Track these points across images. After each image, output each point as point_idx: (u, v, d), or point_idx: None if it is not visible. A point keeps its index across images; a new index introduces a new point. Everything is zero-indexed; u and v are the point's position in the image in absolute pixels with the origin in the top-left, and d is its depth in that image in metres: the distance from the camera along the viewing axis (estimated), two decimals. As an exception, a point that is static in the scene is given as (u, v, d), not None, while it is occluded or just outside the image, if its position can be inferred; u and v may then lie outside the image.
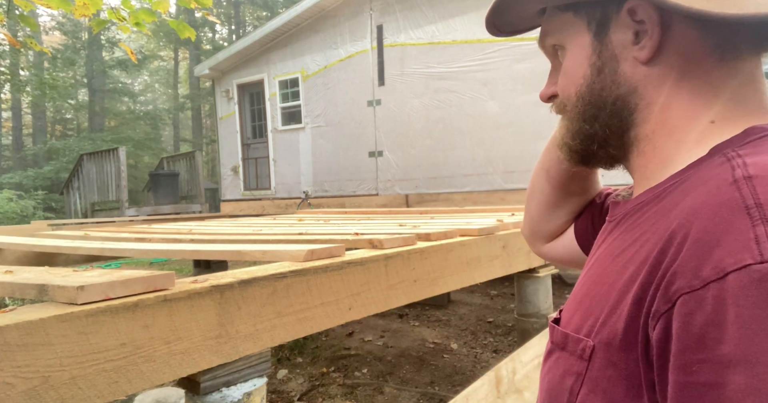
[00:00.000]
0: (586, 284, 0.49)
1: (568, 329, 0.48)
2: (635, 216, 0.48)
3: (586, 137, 0.54)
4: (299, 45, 7.26)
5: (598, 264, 0.49)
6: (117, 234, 2.70)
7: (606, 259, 0.47)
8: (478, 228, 2.05)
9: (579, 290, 0.50)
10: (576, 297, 0.50)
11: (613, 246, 0.48)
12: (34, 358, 0.76)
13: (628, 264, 0.42)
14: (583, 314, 0.46)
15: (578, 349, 0.45)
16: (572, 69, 0.53)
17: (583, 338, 0.44)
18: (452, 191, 5.96)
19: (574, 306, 0.49)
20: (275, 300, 1.17)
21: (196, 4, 3.72)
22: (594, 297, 0.45)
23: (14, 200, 13.85)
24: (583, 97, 0.53)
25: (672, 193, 0.44)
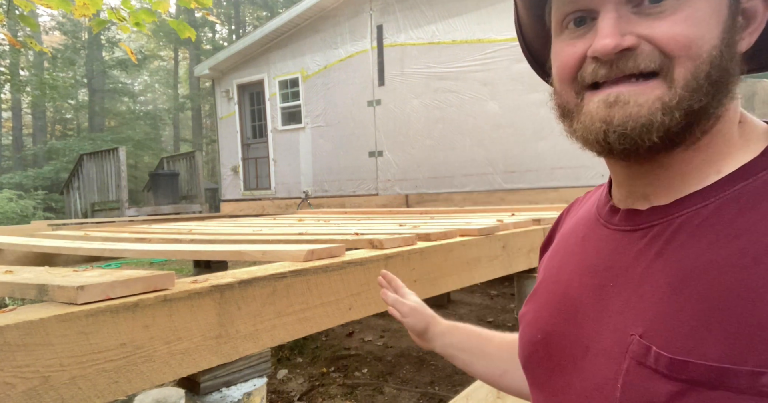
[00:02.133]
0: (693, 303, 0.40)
1: (711, 360, 0.37)
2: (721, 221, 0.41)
3: (695, 115, 0.43)
4: (299, 45, 7.26)
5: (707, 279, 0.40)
6: (117, 234, 2.70)
7: (727, 271, 0.39)
8: (478, 228, 2.05)
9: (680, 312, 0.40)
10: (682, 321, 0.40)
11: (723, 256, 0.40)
12: (34, 358, 0.76)
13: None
14: (732, 341, 0.37)
15: (759, 385, 0.35)
16: (707, 22, 0.42)
17: (764, 370, 0.35)
18: (452, 191, 5.96)
19: (687, 331, 0.39)
20: (275, 300, 1.17)
21: (196, 4, 3.72)
22: (743, 318, 0.37)
23: (14, 200, 13.84)
24: (713, 62, 0.42)
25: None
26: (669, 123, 0.43)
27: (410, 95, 6.24)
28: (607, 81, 0.45)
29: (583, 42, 0.46)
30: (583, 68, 0.47)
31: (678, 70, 0.43)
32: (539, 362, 0.54)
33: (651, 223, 0.46)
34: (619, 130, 0.44)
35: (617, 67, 0.44)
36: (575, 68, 0.47)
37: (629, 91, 0.44)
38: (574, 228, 0.58)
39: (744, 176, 0.42)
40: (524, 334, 0.58)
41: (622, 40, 0.43)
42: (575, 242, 0.56)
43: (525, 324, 0.59)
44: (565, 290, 0.53)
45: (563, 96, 0.50)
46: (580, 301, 0.50)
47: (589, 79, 0.46)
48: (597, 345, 0.46)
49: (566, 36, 0.49)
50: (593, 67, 0.45)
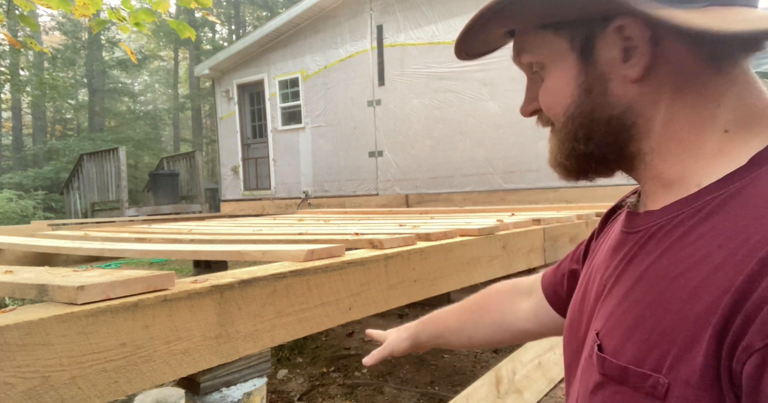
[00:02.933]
0: (633, 307, 0.44)
1: (622, 360, 0.42)
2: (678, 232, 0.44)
3: (581, 156, 0.51)
4: (299, 45, 7.26)
5: (646, 285, 0.43)
6: (117, 234, 2.70)
7: (660, 281, 0.42)
8: (478, 228, 2.05)
9: (624, 314, 0.44)
10: (621, 322, 0.44)
11: (663, 266, 0.43)
12: (34, 358, 0.76)
13: (698, 291, 0.38)
14: (641, 345, 0.41)
15: (646, 385, 0.40)
16: (557, 89, 0.51)
17: (651, 373, 0.40)
18: (452, 191, 5.96)
19: (621, 332, 0.44)
20: (275, 300, 1.17)
21: (196, 4, 3.72)
22: (655, 326, 0.41)
23: (14, 200, 13.84)
24: (573, 117, 0.50)
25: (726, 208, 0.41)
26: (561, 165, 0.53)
27: (410, 95, 6.24)
28: None
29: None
30: None
31: (557, 125, 0.53)
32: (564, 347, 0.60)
33: (639, 227, 0.50)
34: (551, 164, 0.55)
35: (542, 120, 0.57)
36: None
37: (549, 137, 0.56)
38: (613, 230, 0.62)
39: (719, 187, 0.43)
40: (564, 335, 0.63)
41: (528, 106, 0.57)
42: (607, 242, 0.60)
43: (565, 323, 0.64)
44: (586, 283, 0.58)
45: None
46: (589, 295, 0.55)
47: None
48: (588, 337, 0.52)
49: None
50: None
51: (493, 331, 0.83)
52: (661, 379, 0.39)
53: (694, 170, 0.46)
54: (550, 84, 0.52)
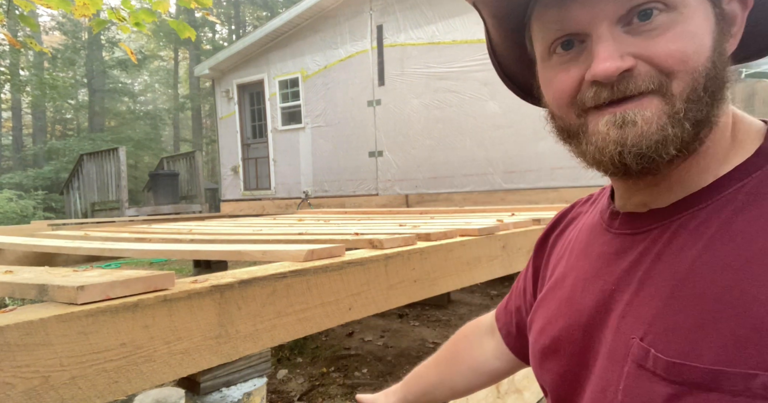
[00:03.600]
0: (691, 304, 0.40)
1: (706, 363, 0.37)
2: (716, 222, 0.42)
3: (700, 124, 0.43)
4: (299, 45, 7.26)
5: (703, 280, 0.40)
6: (117, 234, 2.70)
7: (722, 272, 0.39)
8: (478, 228, 2.05)
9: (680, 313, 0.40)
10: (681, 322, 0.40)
11: (718, 257, 0.40)
12: (34, 358, 0.76)
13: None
14: (727, 343, 0.37)
15: (753, 387, 0.35)
16: (699, 36, 0.42)
17: (757, 372, 0.35)
18: (452, 191, 5.96)
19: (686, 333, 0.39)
20: (275, 300, 1.17)
21: (196, 4, 3.72)
22: (740, 319, 0.37)
23: (14, 200, 13.84)
24: (709, 73, 0.43)
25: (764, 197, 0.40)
26: (681, 134, 0.42)
27: (410, 95, 6.24)
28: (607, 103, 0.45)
29: (577, 67, 0.46)
30: (582, 92, 0.46)
31: (676, 85, 0.43)
32: (551, 368, 0.54)
33: (650, 226, 0.47)
34: (634, 151, 0.43)
35: (618, 90, 0.44)
36: (573, 93, 0.47)
37: (633, 110, 0.43)
38: (579, 234, 0.59)
39: (739, 177, 0.43)
40: (534, 342, 0.58)
41: (623, 62, 0.43)
42: (580, 248, 0.56)
43: (535, 332, 0.59)
44: (570, 295, 0.53)
45: (564, 119, 0.49)
46: (586, 305, 0.50)
47: (590, 103, 0.46)
48: (604, 349, 0.47)
49: (555, 61, 0.48)
50: (594, 90, 0.45)
51: (471, 378, 0.80)
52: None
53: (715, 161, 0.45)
54: (692, 29, 0.42)
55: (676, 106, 0.42)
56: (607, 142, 0.44)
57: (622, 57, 0.43)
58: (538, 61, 0.51)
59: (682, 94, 0.42)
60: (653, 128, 0.42)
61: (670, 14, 0.42)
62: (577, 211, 0.65)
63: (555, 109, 0.50)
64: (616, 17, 0.43)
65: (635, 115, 0.43)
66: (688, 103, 0.42)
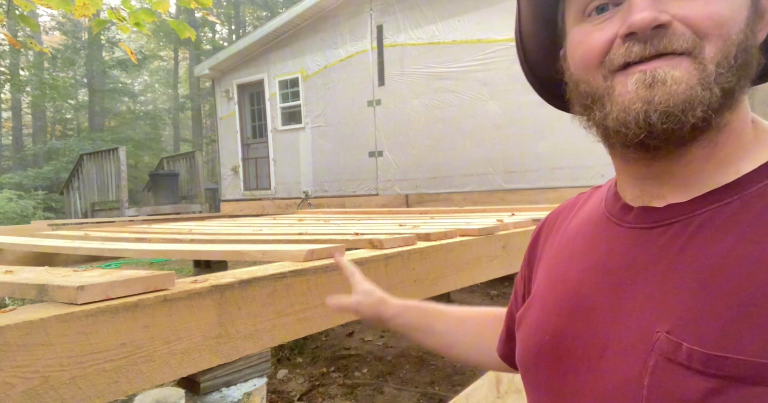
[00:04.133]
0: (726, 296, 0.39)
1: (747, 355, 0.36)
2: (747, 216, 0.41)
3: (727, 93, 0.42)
4: (299, 45, 7.26)
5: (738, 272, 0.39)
6: (117, 234, 2.70)
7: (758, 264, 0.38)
8: (478, 228, 2.05)
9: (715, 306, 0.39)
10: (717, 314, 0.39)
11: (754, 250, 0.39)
12: (34, 358, 0.76)
13: None
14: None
15: None
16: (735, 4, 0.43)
17: None
18: (452, 191, 5.96)
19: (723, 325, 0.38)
20: (275, 300, 1.17)
21: (196, 4, 3.72)
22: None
23: (14, 200, 13.84)
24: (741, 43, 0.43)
25: None
26: (710, 98, 0.42)
27: (410, 95, 6.24)
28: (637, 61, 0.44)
29: (611, 25, 0.46)
30: (612, 51, 0.46)
31: (709, 49, 0.42)
32: (546, 364, 0.52)
33: (671, 220, 0.46)
34: (661, 109, 0.42)
35: (651, 45, 0.43)
36: (604, 52, 0.47)
37: (663, 69, 0.43)
38: (579, 229, 0.57)
39: (764, 175, 0.42)
40: (526, 336, 0.57)
41: (660, 15, 0.42)
42: (583, 243, 0.54)
43: (526, 326, 0.57)
44: (576, 289, 0.51)
45: (591, 83, 0.48)
46: (595, 300, 0.49)
47: (620, 60, 0.45)
48: (616, 345, 0.45)
49: (589, 23, 0.48)
50: (627, 46, 0.44)
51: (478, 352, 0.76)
52: None
53: (735, 156, 0.44)
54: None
55: (707, 69, 0.42)
56: (635, 101, 0.44)
57: (660, 12, 0.43)
58: (569, 27, 0.51)
59: (714, 59, 0.42)
60: (682, 87, 0.42)
61: None
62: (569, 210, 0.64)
63: (581, 71, 0.49)
64: None
65: (665, 74, 0.43)
66: (718, 67, 0.42)
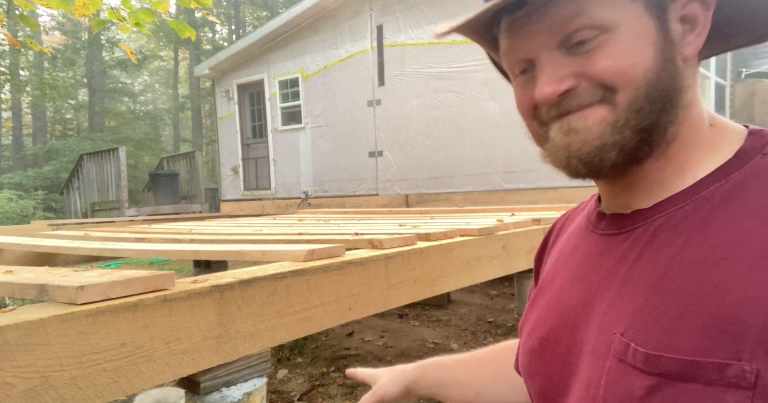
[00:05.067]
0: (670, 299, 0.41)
1: (682, 354, 0.38)
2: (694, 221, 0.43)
3: (645, 132, 0.45)
4: (299, 45, 7.26)
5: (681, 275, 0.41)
6: (117, 234, 2.70)
7: (698, 268, 0.40)
8: (478, 228, 2.05)
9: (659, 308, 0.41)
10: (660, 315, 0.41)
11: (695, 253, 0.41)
12: (34, 358, 0.76)
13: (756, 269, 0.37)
14: (701, 334, 0.38)
15: (727, 376, 0.36)
16: (633, 50, 0.45)
17: (730, 362, 0.36)
18: (452, 191, 5.96)
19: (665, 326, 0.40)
20: (275, 300, 1.17)
21: (196, 4, 3.72)
22: (713, 311, 0.38)
23: (14, 200, 13.85)
24: (651, 82, 0.45)
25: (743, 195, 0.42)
26: (621, 141, 0.46)
27: (410, 95, 6.24)
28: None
29: (531, 88, 0.50)
30: (538, 108, 0.51)
31: (620, 96, 0.45)
32: (538, 370, 0.55)
33: (633, 226, 0.48)
34: (577, 156, 0.47)
35: (564, 107, 0.48)
36: (532, 109, 0.52)
37: (578, 119, 0.47)
38: (569, 238, 0.61)
39: (717, 178, 0.44)
40: (524, 344, 0.59)
41: (559, 85, 0.47)
42: (569, 251, 0.58)
43: (525, 334, 0.60)
44: (558, 296, 0.55)
45: (532, 129, 0.55)
46: (572, 305, 0.51)
47: (545, 119, 0.50)
48: (587, 347, 0.48)
49: (518, 81, 0.53)
50: (545, 108, 0.50)
51: (506, 390, 0.73)
52: (746, 366, 0.35)
53: (691, 163, 0.47)
54: (624, 46, 0.45)
55: (620, 114, 0.45)
56: (558, 148, 0.49)
57: (562, 80, 0.47)
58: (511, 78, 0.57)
59: (625, 104, 0.45)
60: (593, 135, 0.46)
61: (602, 35, 0.45)
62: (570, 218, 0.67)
63: (524, 119, 0.56)
64: (554, 45, 0.47)
65: (578, 123, 0.47)
66: (629, 112, 0.45)
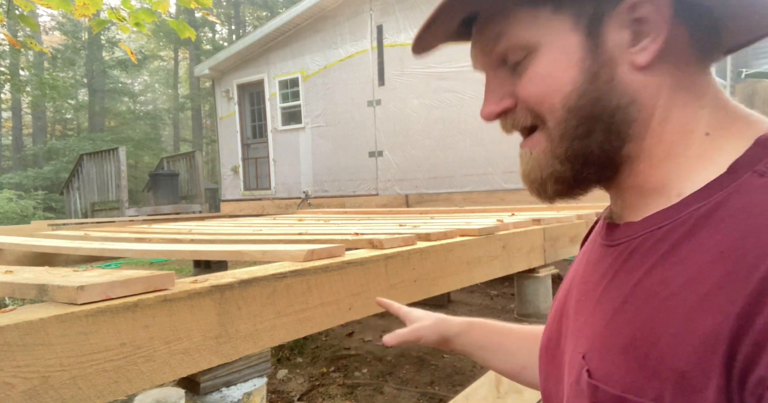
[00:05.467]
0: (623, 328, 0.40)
1: (617, 388, 0.38)
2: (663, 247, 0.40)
3: (578, 158, 0.44)
4: (299, 45, 7.26)
5: (635, 305, 0.39)
6: (117, 234, 2.70)
7: (650, 300, 0.38)
8: (478, 228, 2.05)
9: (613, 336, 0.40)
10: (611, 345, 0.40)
11: (652, 284, 0.39)
12: (34, 358, 0.76)
13: (694, 313, 0.35)
14: (637, 372, 0.37)
15: None
16: (554, 74, 0.44)
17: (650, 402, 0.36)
18: (452, 191, 5.96)
19: (612, 357, 0.40)
20: (275, 300, 1.17)
21: (196, 4, 3.72)
22: (649, 350, 0.37)
23: (14, 200, 13.85)
24: (573, 108, 0.43)
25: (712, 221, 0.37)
26: (555, 173, 0.45)
27: (410, 95, 6.24)
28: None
29: None
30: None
31: (549, 123, 0.45)
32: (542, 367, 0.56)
33: (620, 240, 0.46)
34: (531, 186, 0.49)
35: (506, 125, 0.49)
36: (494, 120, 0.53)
37: (525, 148, 0.48)
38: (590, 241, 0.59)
39: (700, 199, 0.40)
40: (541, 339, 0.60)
41: (497, 106, 0.48)
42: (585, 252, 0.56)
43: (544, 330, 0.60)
44: (564, 299, 0.54)
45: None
46: (569, 309, 0.51)
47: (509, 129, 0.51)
48: (569, 355, 0.48)
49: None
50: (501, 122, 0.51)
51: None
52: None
53: (676, 177, 0.43)
54: (543, 70, 0.44)
55: (553, 143, 0.45)
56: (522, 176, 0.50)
57: (501, 100, 0.48)
58: None
59: (554, 132, 0.45)
60: (530, 166, 0.47)
61: (530, 55, 0.45)
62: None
63: None
64: (495, 63, 0.48)
65: (525, 153, 0.48)
66: (561, 140, 0.44)
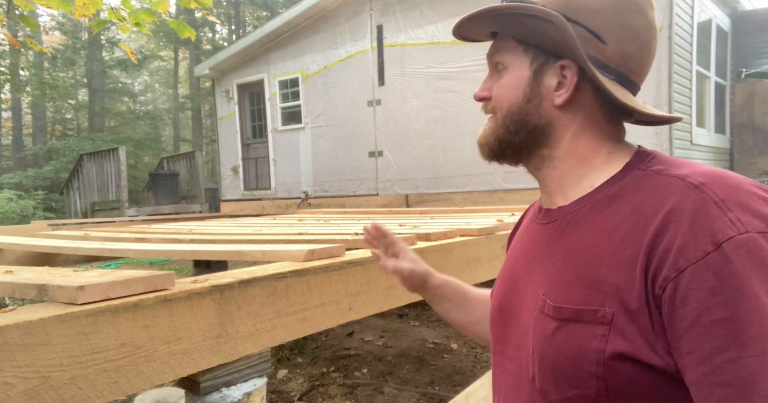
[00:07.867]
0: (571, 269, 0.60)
1: (573, 304, 0.58)
2: (590, 216, 0.62)
3: (504, 142, 0.70)
4: (299, 45, 7.26)
5: (578, 252, 0.61)
6: (117, 234, 2.70)
7: (588, 247, 0.60)
8: (478, 228, 2.05)
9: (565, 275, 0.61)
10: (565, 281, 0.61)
11: (588, 237, 0.61)
12: (34, 358, 0.76)
13: (620, 250, 0.56)
14: (585, 291, 0.57)
15: (597, 317, 0.55)
16: (509, 88, 0.69)
17: (598, 308, 0.55)
18: (452, 191, 5.96)
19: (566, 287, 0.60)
20: (275, 300, 1.17)
21: (196, 4, 3.72)
22: (593, 276, 0.57)
23: (14, 200, 13.84)
24: (512, 113, 0.68)
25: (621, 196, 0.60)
26: (489, 144, 0.72)
27: (410, 95, 6.24)
28: None
29: None
30: None
31: (498, 114, 0.70)
32: (495, 321, 0.75)
33: (556, 218, 0.68)
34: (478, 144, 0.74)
35: (485, 108, 0.74)
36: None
37: (485, 125, 0.74)
38: (526, 225, 0.80)
39: (607, 186, 0.63)
40: (490, 304, 0.79)
41: (481, 92, 0.73)
42: (522, 235, 0.79)
43: (492, 297, 0.80)
44: (511, 268, 0.75)
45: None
46: (518, 275, 0.72)
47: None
48: (524, 305, 0.67)
49: None
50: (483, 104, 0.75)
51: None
52: (607, 310, 0.55)
53: (588, 175, 0.66)
54: (506, 83, 0.69)
55: (496, 126, 0.71)
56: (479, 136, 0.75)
57: (485, 90, 0.72)
58: None
59: (499, 120, 0.70)
60: (481, 135, 0.73)
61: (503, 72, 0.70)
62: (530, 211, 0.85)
63: None
64: (492, 66, 0.73)
65: (484, 126, 0.74)
66: (499, 126, 0.70)
